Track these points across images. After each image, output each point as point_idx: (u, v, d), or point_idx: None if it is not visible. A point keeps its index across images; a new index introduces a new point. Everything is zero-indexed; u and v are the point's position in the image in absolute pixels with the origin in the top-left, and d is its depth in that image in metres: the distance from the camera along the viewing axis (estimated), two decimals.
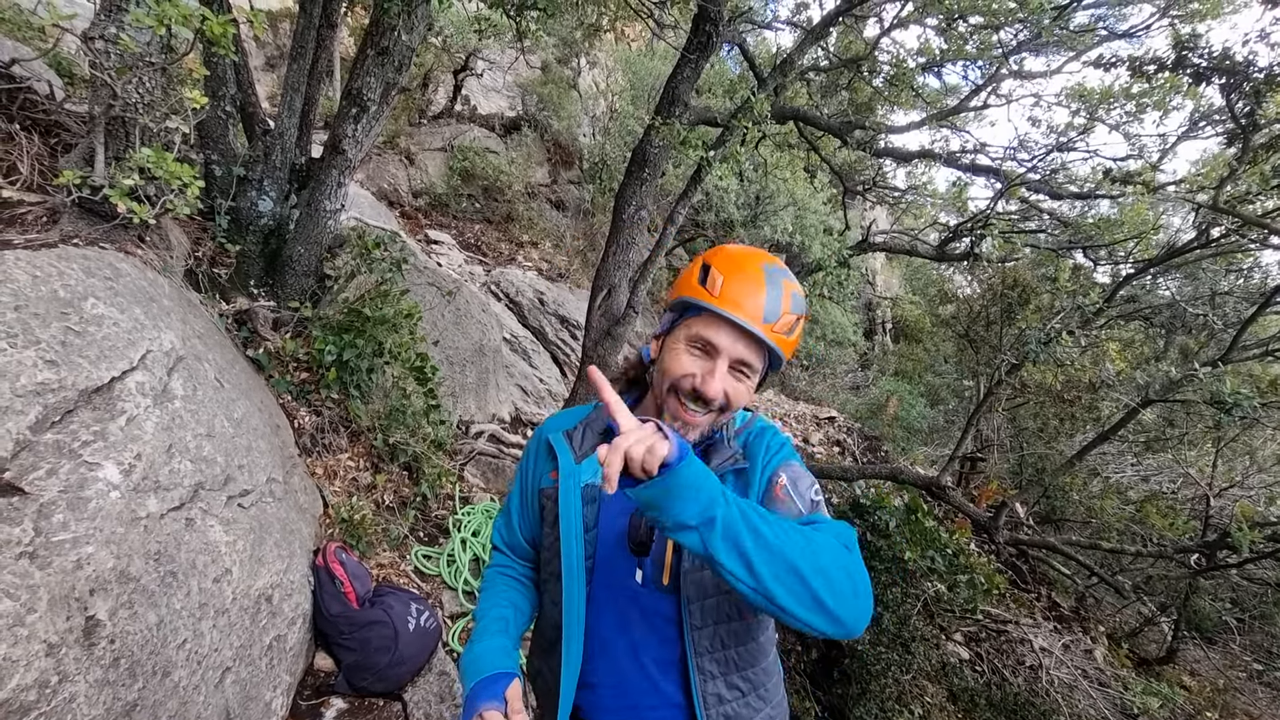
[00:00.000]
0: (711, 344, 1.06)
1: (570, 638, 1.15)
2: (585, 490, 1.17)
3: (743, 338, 1.05)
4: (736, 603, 1.11)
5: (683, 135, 3.73)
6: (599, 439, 1.18)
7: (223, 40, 2.19)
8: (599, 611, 1.15)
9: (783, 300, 1.06)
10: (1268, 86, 3.39)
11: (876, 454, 8.95)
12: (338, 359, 3.26)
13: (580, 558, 1.14)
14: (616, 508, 1.16)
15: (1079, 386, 6.85)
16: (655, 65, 11.80)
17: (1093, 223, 5.24)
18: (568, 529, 1.15)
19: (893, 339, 17.24)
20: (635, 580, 1.13)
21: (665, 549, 1.12)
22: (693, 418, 1.08)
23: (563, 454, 1.20)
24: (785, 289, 1.07)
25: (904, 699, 3.69)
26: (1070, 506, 7.15)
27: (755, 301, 1.04)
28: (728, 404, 1.08)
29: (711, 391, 1.05)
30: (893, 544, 3.87)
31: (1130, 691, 4.32)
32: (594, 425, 1.22)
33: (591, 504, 1.16)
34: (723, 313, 1.03)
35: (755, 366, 1.08)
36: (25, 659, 1.25)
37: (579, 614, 1.14)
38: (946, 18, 4.86)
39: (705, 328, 1.07)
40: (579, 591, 1.14)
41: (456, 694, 2.56)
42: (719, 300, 1.04)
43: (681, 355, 1.09)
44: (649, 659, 1.14)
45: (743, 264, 1.08)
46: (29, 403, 1.49)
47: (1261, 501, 6.05)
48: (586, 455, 1.18)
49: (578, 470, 1.18)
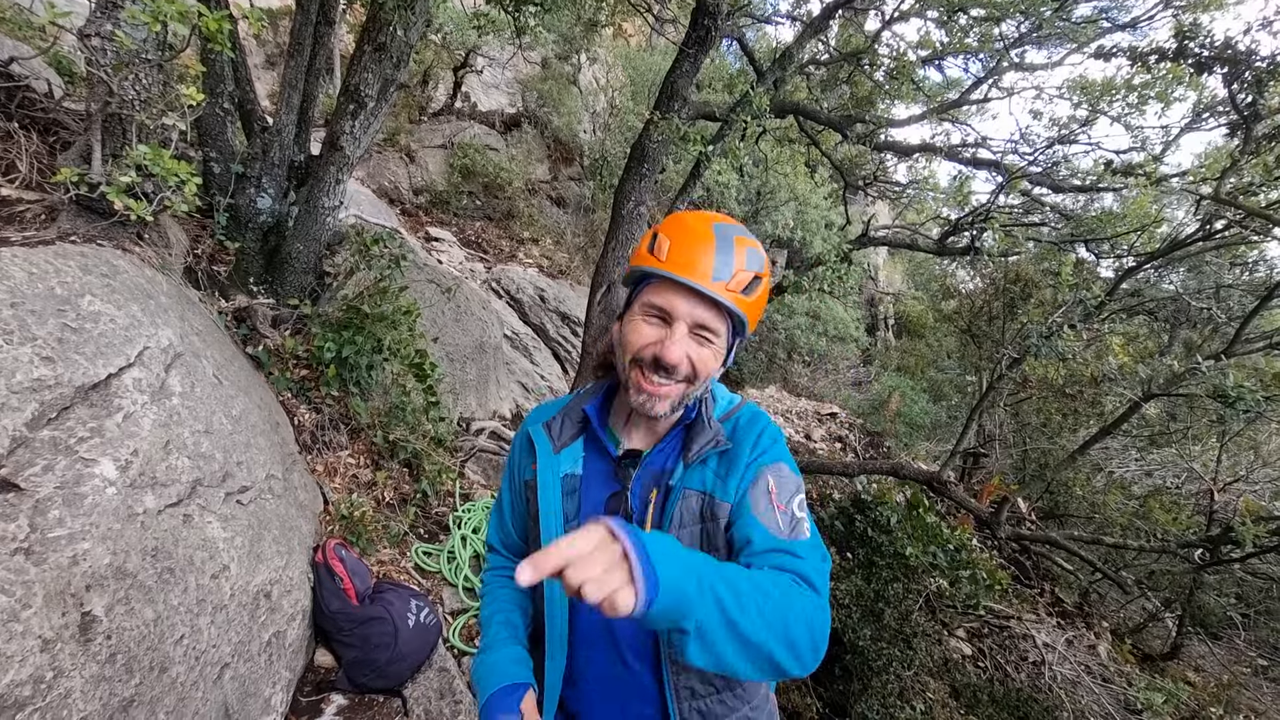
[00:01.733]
0: (666, 310, 1.02)
1: (553, 631, 1.13)
2: (565, 481, 1.14)
3: (698, 300, 1.00)
4: None
5: (682, 130, 3.71)
6: (577, 428, 1.17)
7: (219, 37, 2.19)
8: (580, 606, 1.10)
9: (735, 257, 1.00)
10: (1270, 76, 3.36)
11: (878, 449, 8.93)
12: (337, 356, 3.26)
13: None
14: (596, 497, 1.14)
15: (1082, 381, 6.83)
16: (655, 61, 11.77)
17: (1095, 216, 5.21)
18: (547, 521, 1.12)
19: (895, 334, 17.21)
20: None
21: None
22: (656, 388, 1.04)
23: (541, 445, 1.17)
24: (738, 246, 1.01)
25: (906, 695, 3.69)
26: (1073, 502, 7.13)
27: (705, 261, 0.99)
28: (694, 372, 1.04)
29: (672, 356, 1.00)
30: (894, 539, 3.86)
31: (1134, 688, 4.31)
32: (571, 414, 1.19)
33: (571, 495, 1.14)
34: (672, 275, 0.99)
35: (717, 329, 1.03)
36: (20, 654, 1.25)
37: (562, 607, 1.12)
38: (947, 10, 4.83)
39: (658, 294, 1.03)
40: (560, 584, 1.11)
41: (457, 691, 2.56)
42: (667, 264, 1.00)
43: (640, 326, 1.05)
44: (629, 652, 1.11)
45: (692, 225, 1.04)
46: (25, 399, 1.49)
47: (1266, 496, 6.02)
48: (565, 445, 1.17)
49: (556, 460, 1.16)
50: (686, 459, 1.09)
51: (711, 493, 1.07)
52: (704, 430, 1.10)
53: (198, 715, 1.69)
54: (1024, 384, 7.54)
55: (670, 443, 1.14)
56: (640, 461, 1.13)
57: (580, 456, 1.16)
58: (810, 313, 11.62)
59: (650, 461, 1.13)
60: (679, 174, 9.78)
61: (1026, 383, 7.52)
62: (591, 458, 1.16)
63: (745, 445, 1.10)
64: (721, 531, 1.06)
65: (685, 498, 1.07)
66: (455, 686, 2.57)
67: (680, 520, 1.07)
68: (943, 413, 11.42)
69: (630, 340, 1.06)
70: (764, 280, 1.04)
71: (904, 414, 10.67)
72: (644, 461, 1.13)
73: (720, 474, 1.09)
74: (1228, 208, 4.04)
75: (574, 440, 1.17)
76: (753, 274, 1.02)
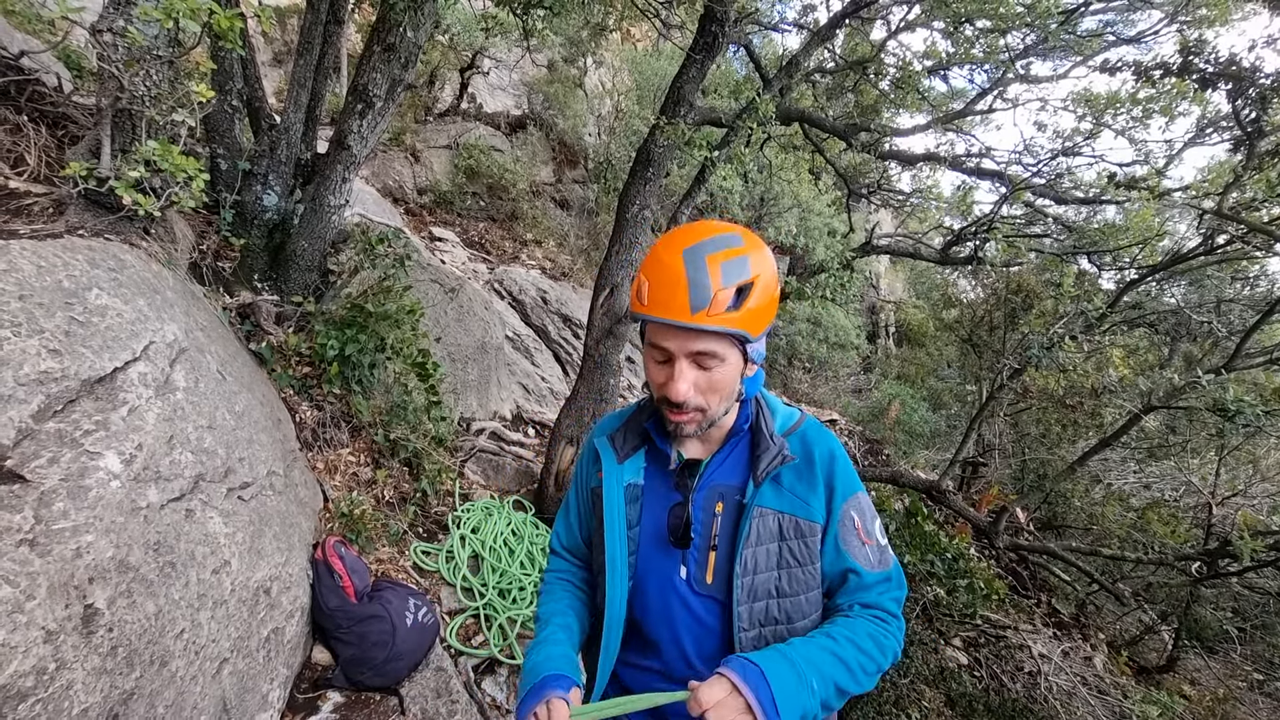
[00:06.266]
0: (664, 349, 1.06)
1: (610, 629, 1.18)
2: (628, 490, 1.20)
3: (686, 335, 1.03)
4: (787, 609, 1.14)
5: (687, 135, 3.72)
6: (639, 440, 1.24)
7: (230, 35, 2.20)
8: (646, 608, 1.19)
9: (710, 279, 0.99)
10: (1273, 92, 3.38)
11: (878, 457, 8.94)
12: (340, 354, 3.27)
13: (624, 553, 1.18)
14: (659, 505, 1.19)
15: (1082, 392, 6.83)
16: (661, 65, 11.80)
17: (1098, 228, 5.22)
18: (611, 525, 1.19)
19: (896, 343, 17.21)
20: (680, 577, 1.16)
21: (707, 548, 1.15)
22: (677, 416, 1.09)
23: (606, 456, 1.24)
24: (710, 265, 1.00)
25: (901, 703, 3.68)
26: (1072, 513, 7.12)
27: (680, 296, 0.99)
28: (707, 399, 1.08)
29: (676, 395, 1.05)
30: (892, 547, 3.86)
31: (1129, 700, 4.30)
32: (633, 427, 1.25)
33: (634, 503, 1.20)
34: (654, 320, 1.02)
35: (717, 353, 1.04)
36: (24, 645, 1.26)
37: (620, 608, 1.17)
38: (954, 21, 4.85)
39: (654, 336, 1.08)
40: (621, 586, 1.17)
41: (453, 690, 2.56)
42: (649, 308, 1.03)
43: (651, 366, 1.12)
44: (694, 654, 1.17)
45: (664, 260, 1.03)
46: (31, 391, 1.49)
47: (1264, 510, 6.01)
48: (628, 456, 1.23)
49: (620, 470, 1.22)
50: (756, 477, 1.13)
51: (794, 514, 1.14)
52: (769, 447, 1.15)
53: (196, 709, 1.69)
54: (1024, 394, 7.55)
55: (729, 453, 1.20)
56: (700, 472, 1.19)
57: (642, 467, 1.23)
58: (811, 319, 11.62)
59: (710, 472, 1.19)
60: (684, 179, 9.79)
61: (1026, 393, 7.52)
62: (653, 468, 1.23)
63: (819, 465, 1.16)
64: (806, 548, 1.14)
65: (761, 516, 1.12)
66: (452, 686, 2.57)
67: (756, 538, 1.12)
68: (942, 421, 11.41)
69: (650, 380, 1.14)
70: (755, 284, 1.02)
71: (903, 422, 10.67)
72: (704, 472, 1.19)
73: (798, 493, 1.14)
74: (1230, 222, 4.06)
75: (636, 451, 1.24)
76: (734, 288, 1.00)
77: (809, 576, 1.14)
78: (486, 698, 2.69)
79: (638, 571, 1.18)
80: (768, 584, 1.12)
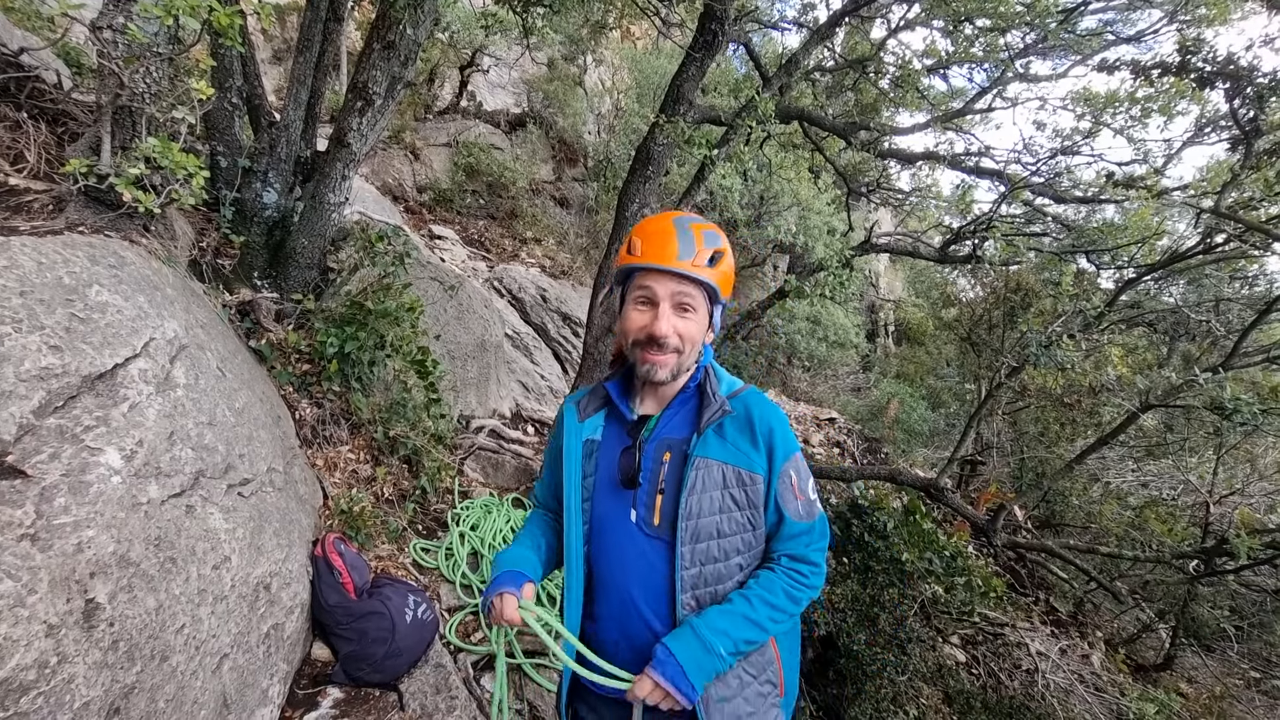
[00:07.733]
0: (650, 294, 1.25)
1: (571, 572, 1.34)
2: (585, 444, 1.38)
3: (674, 279, 1.24)
4: (725, 548, 1.28)
5: (687, 134, 3.73)
6: (600, 402, 1.41)
7: (230, 32, 2.20)
8: (601, 550, 1.33)
9: (695, 240, 1.24)
10: (1271, 92, 3.38)
11: (876, 455, 8.95)
12: (339, 351, 3.27)
13: (578, 500, 1.34)
14: (613, 454, 1.35)
15: (1080, 391, 6.84)
16: (661, 64, 11.79)
17: (1096, 227, 5.22)
18: (569, 475, 1.36)
19: (895, 341, 17.23)
20: (630, 520, 1.31)
21: (654, 492, 1.30)
22: (655, 357, 1.26)
23: (569, 417, 1.42)
24: (695, 231, 1.25)
25: (899, 700, 3.69)
26: (1070, 511, 7.14)
27: (670, 247, 1.23)
28: (683, 342, 1.26)
29: (661, 330, 1.23)
30: (890, 545, 3.87)
31: (1126, 698, 4.32)
32: (596, 393, 1.43)
33: (590, 457, 1.36)
34: (648, 265, 1.24)
35: (695, 300, 1.26)
36: (25, 639, 1.26)
37: (579, 550, 1.34)
38: (953, 20, 4.85)
39: (641, 283, 1.27)
40: (577, 530, 1.34)
41: (453, 687, 2.57)
42: (643, 257, 1.24)
43: (631, 313, 1.29)
44: (640, 594, 1.29)
45: (656, 224, 1.28)
46: (33, 387, 1.50)
47: (1262, 509, 6.03)
48: (589, 416, 1.40)
49: (580, 428, 1.39)
50: (699, 428, 1.29)
51: (736, 465, 1.29)
52: (711, 403, 1.31)
53: (196, 704, 1.70)
54: (1022, 393, 7.56)
55: (676, 409, 1.35)
56: (651, 425, 1.34)
57: (600, 425, 1.39)
58: (811, 318, 11.63)
59: (661, 426, 1.34)
60: (683, 177, 9.79)
61: (1025, 392, 7.53)
62: (611, 425, 1.39)
63: (759, 424, 1.30)
64: (746, 495, 1.29)
65: (705, 466, 1.27)
66: (451, 682, 2.58)
67: (701, 485, 1.27)
68: (941, 420, 11.43)
69: (627, 326, 1.30)
70: (725, 254, 1.28)
71: (902, 420, 10.69)
72: (655, 425, 1.34)
73: (740, 446, 1.29)
74: (1228, 222, 4.07)
75: (597, 412, 1.41)
76: (712, 250, 1.25)
77: (746, 519, 1.29)
78: (485, 694, 2.70)
79: (593, 515, 1.34)
80: (710, 527, 1.27)
